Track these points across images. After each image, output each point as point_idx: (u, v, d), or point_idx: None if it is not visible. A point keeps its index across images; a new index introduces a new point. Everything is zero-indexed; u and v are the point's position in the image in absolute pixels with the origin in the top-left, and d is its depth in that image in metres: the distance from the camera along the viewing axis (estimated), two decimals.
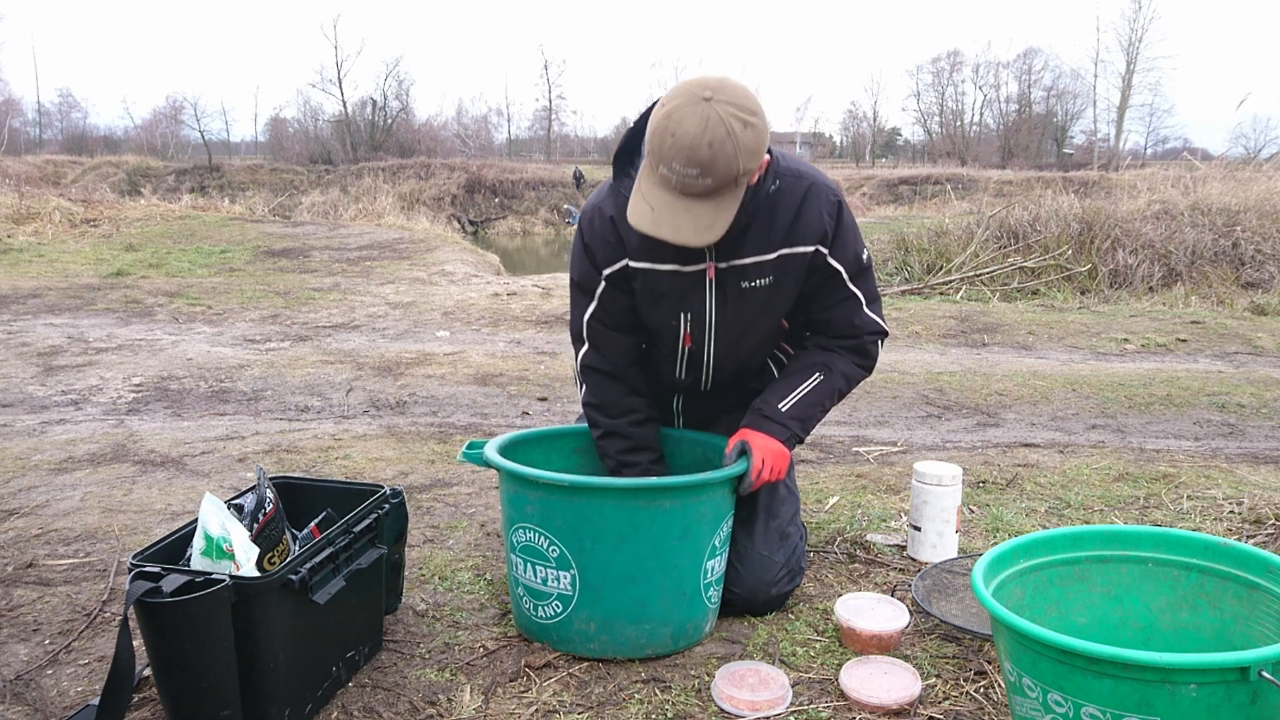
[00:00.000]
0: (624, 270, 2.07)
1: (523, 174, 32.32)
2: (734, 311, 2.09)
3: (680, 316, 2.11)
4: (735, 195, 1.84)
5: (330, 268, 9.60)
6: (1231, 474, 3.33)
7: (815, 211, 2.03)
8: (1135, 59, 45.94)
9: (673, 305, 2.09)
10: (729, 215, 1.84)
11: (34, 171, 27.41)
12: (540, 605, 1.99)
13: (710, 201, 1.82)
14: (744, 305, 2.08)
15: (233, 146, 55.52)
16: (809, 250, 2.05)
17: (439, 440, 3.78)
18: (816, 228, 2.03)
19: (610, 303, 2.13)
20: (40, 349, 5.56)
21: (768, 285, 2.06)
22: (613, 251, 2.07)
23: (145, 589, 1.55)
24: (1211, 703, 1.29)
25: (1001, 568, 1.64)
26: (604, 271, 2.09)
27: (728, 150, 1.76)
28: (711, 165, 1.76)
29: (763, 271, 2.04)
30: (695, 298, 2.08)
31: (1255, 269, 9.68)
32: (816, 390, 2.14)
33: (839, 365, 2.17)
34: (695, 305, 2.08)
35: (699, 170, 1.77)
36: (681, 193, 1.81)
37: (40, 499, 2.98)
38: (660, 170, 1.81)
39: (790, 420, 2.12)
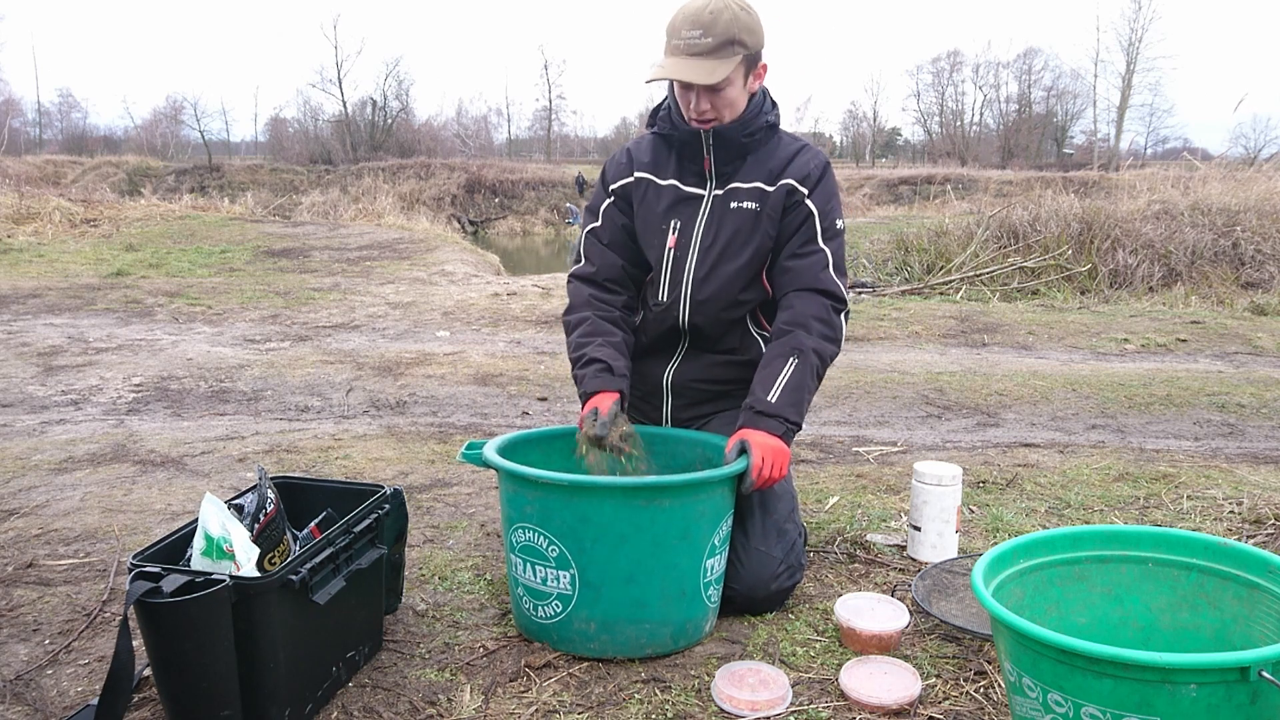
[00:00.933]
0: (629, 184, 2.34)
1: (523, 174, 32.31)
2: (718, 227, 2.26)
3: (670, 223, 2.30)
4: (733, 59, 2.11)
5: (330, 268, 9.60)
6: (1231, 474, 3.33)
7: (805, 159, 2.28)
8: (1135, 59, 45.97)
9: (665, 215, 2.31)
10: (727, 70, 2.10)
11: (34, 171, 27.41)
12: (540, 605, 1.99)
13: (712, 58, 2.10)
14: (727, 222, 2.26)
15: (233, 146, 55.54)
16: (789, 182, 2.25)
17: (439, 440, 3.78)
18: (800, 168, 2.26)
19: (609, 220, 2.37)
20: (40, 349, 5.56)
21: (753, 210, 2.24)
22: (622, 170, 2.37)
23: (145, 589, 1.54)
24: (1211, 703, 1.29)
25: (1001, 568, 1.64)
26: (610, 187, 2.37)
27: (725, 16, 2.07)
28: (712, 25, 2.07)
29: (751, 196, 2.25)
30: (687, 211, 2.30)
31: (1255, 269, 9.69)
32: (796, 373, 2.17)
33: (809, 343, 2.20)
34: (685, 217, 2.29)
35: (701, 30, 2.07)
36: (688, 54, 2.10)
37: (40, 499, 2.98)
38: (671, 43, 2.12)
39: (783, 409, 2.14)
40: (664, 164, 2.31)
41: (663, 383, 2.41)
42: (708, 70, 2.09)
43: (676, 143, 2.29)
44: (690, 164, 2.30)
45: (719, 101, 2.16)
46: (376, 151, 41.82)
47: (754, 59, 2.18)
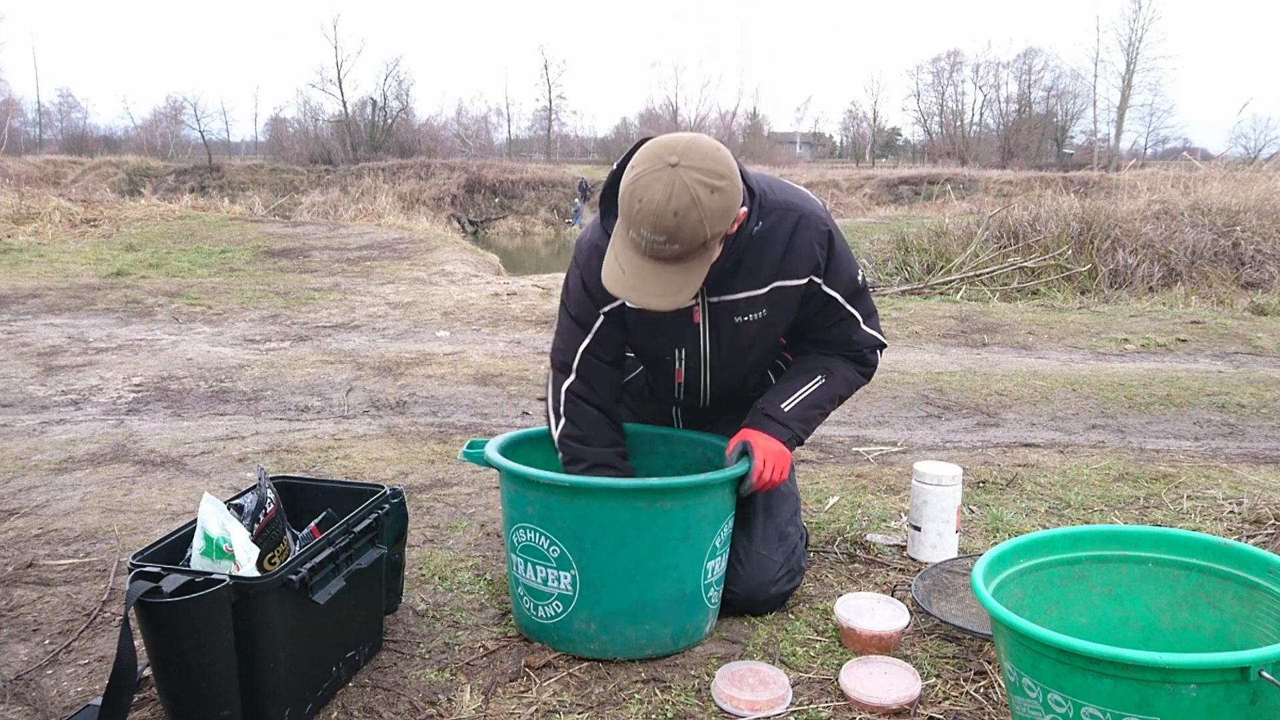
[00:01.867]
0: (621, 307, 2.10)
1: (523, 174, 32.30)
2: (728, 344, 2.14)
3: (675, 352, 2.17)
4: (705, 258, 1.85)
5: (330, 268, 9.60)
6: (1231, 474, 3.33)
7: (806, 244, 2.03)
8: (1135, 59, 45.94)
9: (668, 340, 2.14)
10: (698, 278, 1.85)
11: (34, 171, 27.40)
12: (540, 605, 1.99)
13: (679, 265, 1.82)
14: (738, 338, 2.12)
15: (233, 146, 55.50)
16: (802, 283, 2.07)
17: (439, 440, 3.78)
18: (808, 260, 2.04)
19: (606, 338, 2.14)
20: (40, 349, 5.56)
21: (761, 318, 2.09)
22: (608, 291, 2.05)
23: (145, 589, 1.55)
24: (1211, 703, 1.29)
25: (1001, 568, 1.64)
26: (603, 309, 2.11)
27: (693, 218, 1.75)
28: (678, 233, 1.76)
29: (755, 306, 2.07)
30: (688, 333, 2.12)
31: (1255, 269, 9.68)
32: (818, 393, 2.17)
33: (841, 370, 2.21)
34: (689, 340, 2.13)
35: (666, 237, 1.77)
36: (651, 257, 1.81)
37: (40, 499, 2.98)
38: (630, 234, 1.82)
39: (792, 420, 2.13)
40: None
41: (672, 416, 2.44)
42: (675, 286, 1.83)
43: None
44: None
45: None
46: (376, 151, 41.80)
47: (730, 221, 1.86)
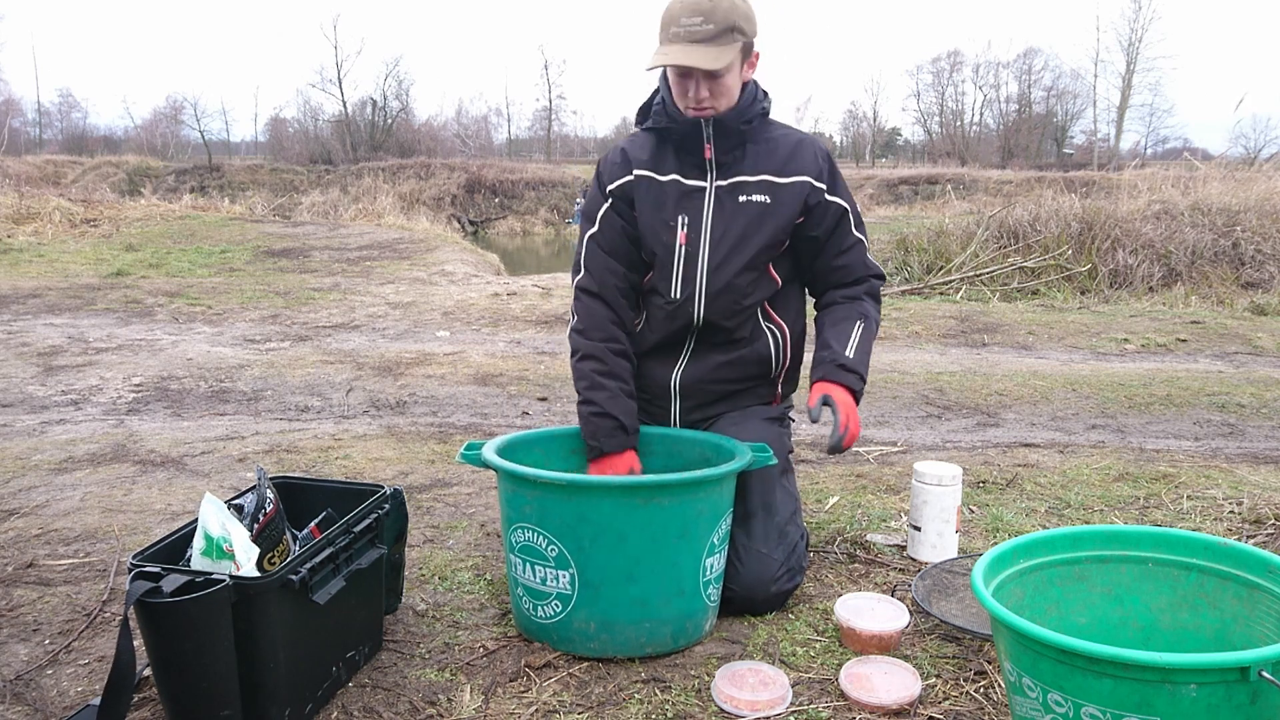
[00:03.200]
0: (628, 184, 2.29)
1: (523, 174, 32.30)
2: (729, 219, 2.24)
3: (678, 218, 2.26)
4: (734, 46, 2.11)
5: (330, 268, 9.60)
6: (1231, 474, 3.33)
7: (809, 152, 2.28)
8: (1135, 59, 45.95)
9: (671, 210, 2.27)
10: (729, 57, 2.10)
11: (34, 171, 27.40)
12: (539, 605, 1.99)
13: (714, 44, 2.09)
14: (738, 215, 2.24)
15: (233, 146, 55.52)
16: (804, 180, 2.24)
17: (439, 440, 3.78)
18: (811, 164, 2.26)
19: (608, 225, 2.32)
20: (40, 349, 5.56)
21: (763, 203, 2.24)
22: (618, 170, 2.31)
23: (145, 589, 1.54)
24: (1211, 703, 1.29)
25: (1001, 568, 1.64)
26: (608, 188, 2.31)
27: (725, 3, 2.08)
28: (712, 12, 2.07)
29: (759, 189, 2.24)
30: (693, 205, 2.26)
31: (1255, 269, 9.68)
32: (865, 336, 2.28)
33: (871, 312, 2.34)
34: (693, 211, 2.26)
35: (701, 17, 2.07)
36: (689, 40, 2.09)
37: (40, 499, 2.98)
38: (669, 31, 2.11)
39: (859, 366, 2.23)
40: (663, 159, 2.28)
41: (670, 385, 2.38)
42: (712, 56, 2.08)
43: (675, 135, 2.25)
44: (689, 156, 2.26)
45: (717, 89, 2.14)
46: (376, 151, 41.79)
47: (749, 47, 2.19)
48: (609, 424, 2.23)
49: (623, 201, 2.31)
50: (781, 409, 2.46)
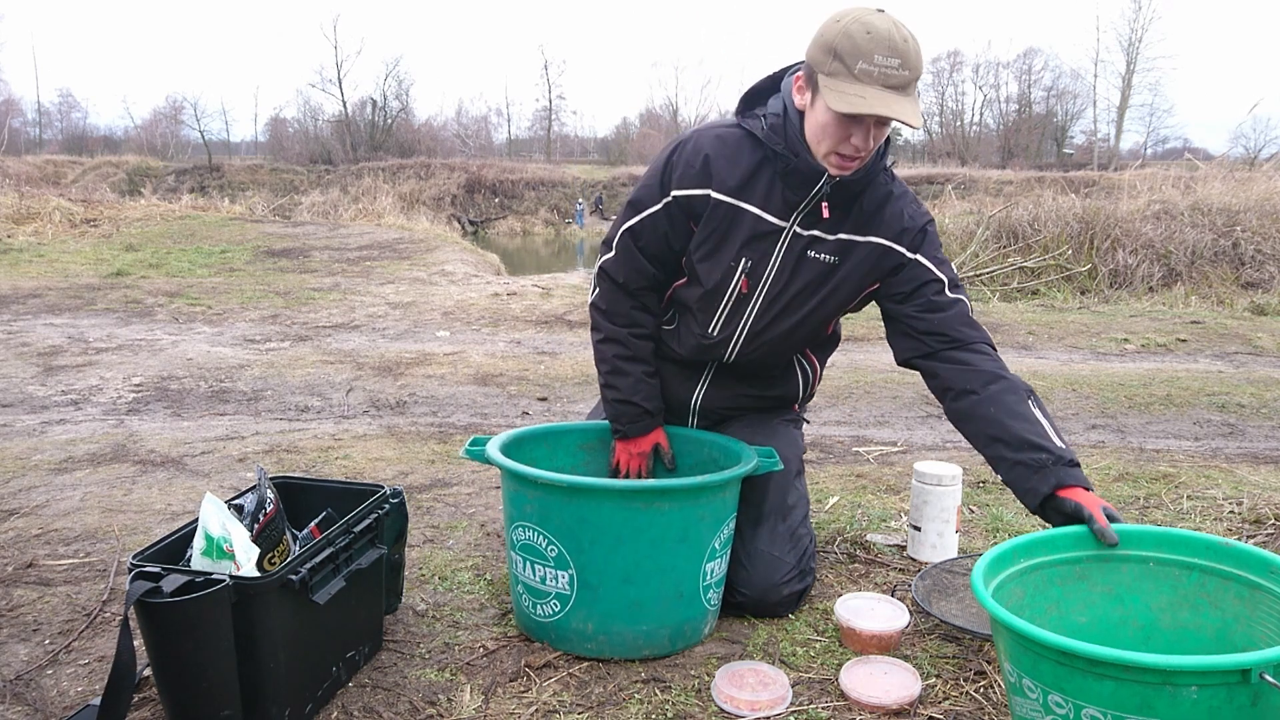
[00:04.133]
0: (699, 199, 2.04)
1: (523, 174, 32.34)
2: (791, 274, 2.08)
3: (742, 260, 2.07)
4: (918, 99, 1.88)
5: (330, 268, 9.60)
6: (1231, 474, 3.33)
7: (897, 210, 2.06)
8: (1135, 59, 45.97)
9: (736, 248, 2.06)
10: (919, 112, 1.87)
11: (34, 171, 27.42)
12: (539, 604, 1.99)
13: (908, 96, 1.84)
14: (802, 272, 2.07)
15: (233, 146, 55.51)
16: (876, 243, 2.06)
17: (439, 440, 3.78)
18: (894, 223, 2.06)
19: (653, 227, 2.10)
20: (40, 349, 5.56)
21: (831, 263, 2.07)
22: (693, 179, 2.04)
23: (145, 589, 1.54)
24: (1213, 705, 1.29)
25: (1001, 567, 1.64)
26: (673, 191, 2.06)
27: (916, 48, 1.83)
28: (908, 56, 1.81)
29: (831, 248, 2.05)
30: (762, 248, 2.06)
31: (1255, 269, 9.69)
32: (1044, 414, 2.01)
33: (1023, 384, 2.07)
34: (759, 255, 2.06)
35: (900, 61, 1.80)
36: (884, 85, 1.81)
37: (40, 499, 2.98)
38: (859, 67, 1.81)
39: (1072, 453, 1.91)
40: (751, 185, 2.01)
41: (690, 405, 2.35)
42: (912, 110, 1.83)
43: (783, 165, 1.98)
44: (787, 192, 2.01)
45: (877, 138, 1.92)
46: (376, 151, 41.81)
47: None
48: (632, 410, 2.21)
49: (682, 209, 2.08)
50: (798, 412, 2.46)
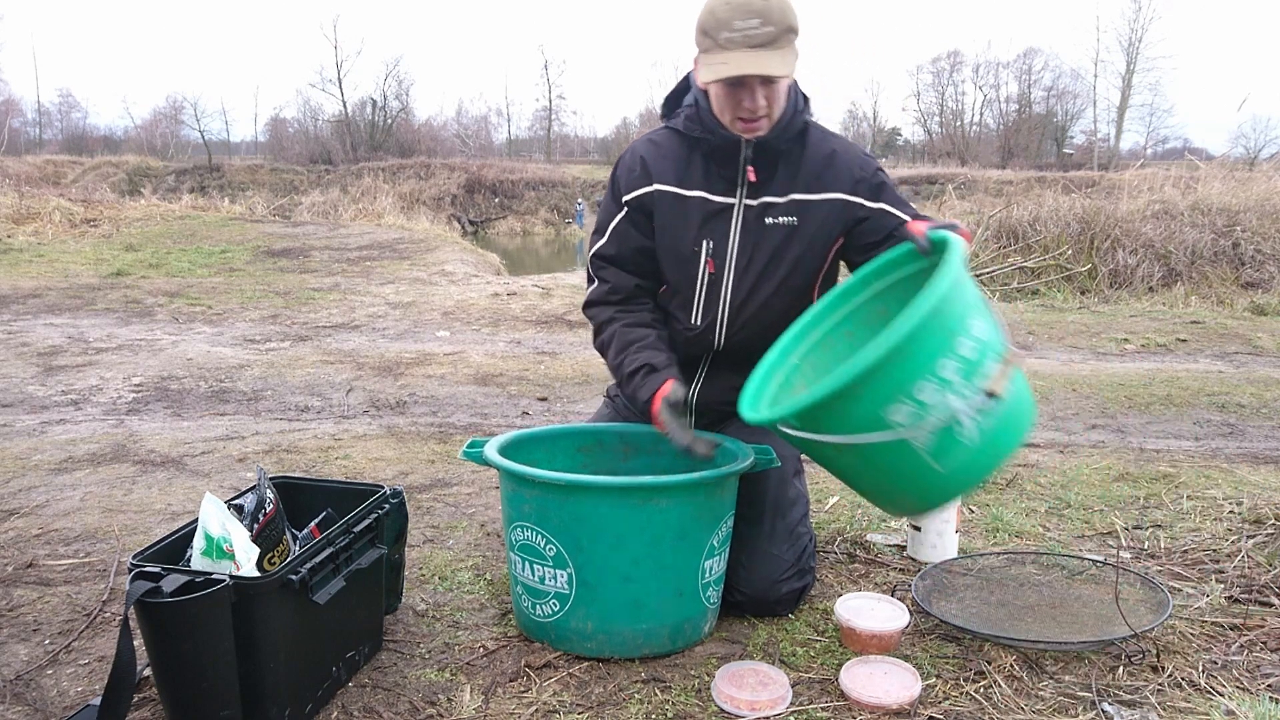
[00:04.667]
0: (647, 196, 2.12)
1: (523, 174, 32.31)
2: (754, 245, 2.10)
3: (703, 243, 2.11)
4: (792, 51, 1.94)
5: (330, 268, 9.60)
6: (1231, 474, 3.33)
7: (845, 163, 2.10)
8: (1135, 59, 45.95)
9: (695, 233, 2.11)
10: (792, 65, 1.94)
11: (34, 171, 27.41)
12: (538, 603, 1.99)
13: (775, 50, 1.91)
14: (765, 240, 2.10)
15: (233, 146, 55.48)
16: (835, 199, 2.09)
17: (439, 440, 3.78)
18: (845, 175, 2.09)
19: (620, 240, 2.17)
20: (40, 349, 5.56)
21: (790, 224, 2.09)
22: (637, 180, 2.13)
23: (145, 589, 1.55)
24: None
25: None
26: (624, 198, 2.14)
27: (778, 3, 1.90)
28: (769, 13, 1.88)
29: (786, 210, 2.09)
30: (719, 227, 2.10)
31: (1255, 269, 9.68)
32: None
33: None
34: (718, 234, 2.10)
35: (759, 19, 1.88)
36: (748, 46, 1.89)
37: (40, 499, 2.98)
38: (723, 36, 1.90)
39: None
40: (688, 171, 2.10)
41: (687, 403, 2.30)
42: (779, 61, 1.90)
43: (706, 147, 2.08)
44: (720, 170, 2.10)
45: (773, 96, 1.98)
46: (376, 151, 41.81)
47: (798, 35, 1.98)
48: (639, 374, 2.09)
49: (639, 213, 2.15)
50: None
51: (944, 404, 1.56)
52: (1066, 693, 1.83)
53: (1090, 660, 1.95)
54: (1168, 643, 2.01)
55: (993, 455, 1.65)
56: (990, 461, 1.66)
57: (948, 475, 1.64)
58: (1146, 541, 2.66)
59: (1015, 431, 1.66)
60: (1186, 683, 1.86)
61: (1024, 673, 1.90)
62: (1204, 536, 2.67)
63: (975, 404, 1.57)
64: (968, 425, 1.58)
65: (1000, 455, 1.66)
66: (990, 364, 1.59)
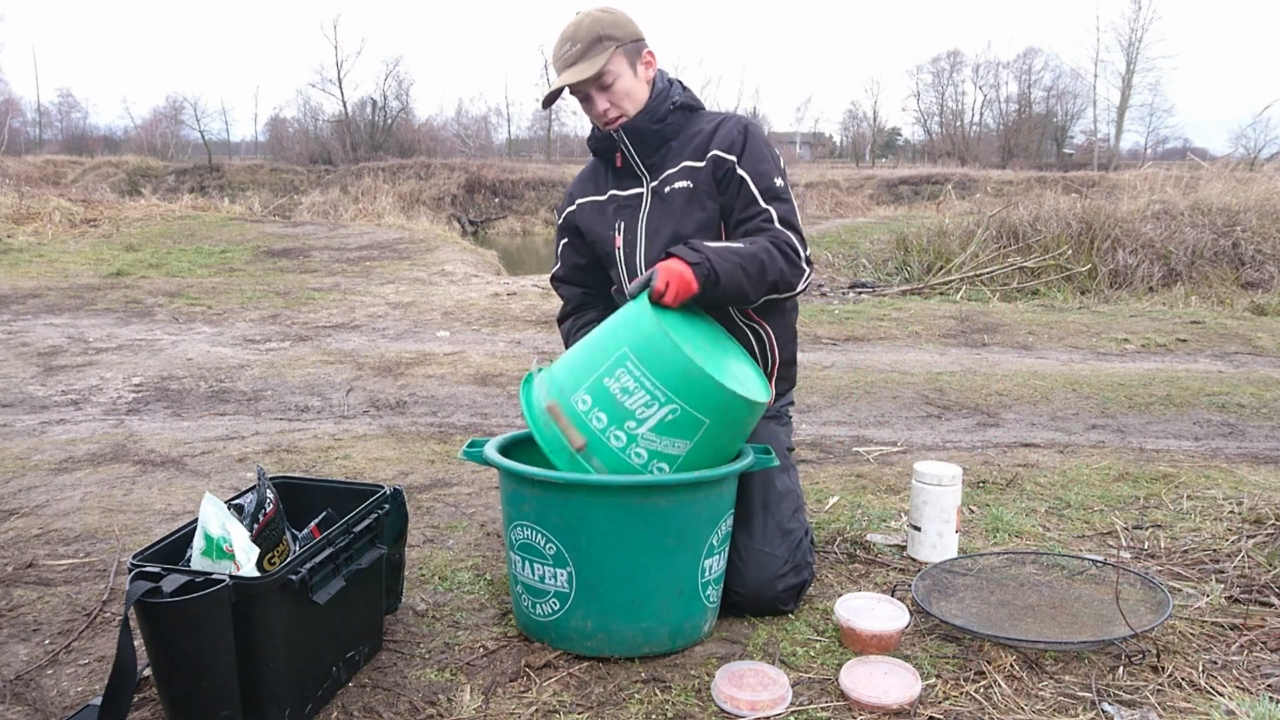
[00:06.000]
0: (571, 215, 2.48)
1: (523, 174, 32.26)
2: (659, 214, 2.31)
3: (616, 225, 2.37)
4: (605, 53, 2.23)
5: (330, 268, 9.60)
6: (1231, 474, 3.33)
7: (727, 130, 2.30)
8: (1135, 59, 45.89)
9: (610, 221, 2.39)
10: (601, 63, 2.22)
11: (34, 171, 27.38)
12: (538, 603, 1.99)
13: (583, 62, 2.23)
14: (668, 207, 2.29)
15: (233, 146, 55.45)
16: (713, 155, 2.27)
17: (439, 440, 3.78)
18: (725, 138, 2.28)
19: (565, 261, 2.54)
20: (40, 349, 5.56)
21: (687, 188, 2.28)
22: (565, 203, 2.52)
23: (145, 589, 1.55)
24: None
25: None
26: (559, 223, 2.53)
27: (586, 22, 2.24)
28: (575, 34, 2.23)
29: (682, 176, 2.29)
30: (629, 211, 2.36)
31: (1255, 269, 9.68)
32: (741, 250, 2.11)
33: (766, 243, 2.15)
34: (628, 216, 2.36)
35: (570, 43, 2.23)
36: (565, 65, 2.25)
37: (40, 499, 2.98)
38: (554, 64, 2.28)
39: (710, 253, 2.05)
40: (600, 180, 2.43)
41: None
42: (582, 69, 2.22)
43: (605, 153, 2.39)
44: (622, 169, 2.36)
45: (614, 96, 2.26)
46: (376, 151, 41.76)
47: (634, 50, 2.27)
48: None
49: (571, 232, 2.50)
50: (779, 407, 2.45)
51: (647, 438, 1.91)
52: (1066, 693, 1.83)
53: (1090, 660, 1.95)
54: (1168, 643, 2.01)
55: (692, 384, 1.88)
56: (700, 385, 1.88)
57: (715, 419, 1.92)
58: (1146, 541, 2.66)
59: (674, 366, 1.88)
60: (1186, 683, 1.86)
61: (1024, 673, 1.90)
62: (1204, 536, 2.67)
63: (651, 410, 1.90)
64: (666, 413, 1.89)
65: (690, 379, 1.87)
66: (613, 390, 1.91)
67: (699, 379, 1.86)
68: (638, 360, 1.89)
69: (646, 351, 1.89)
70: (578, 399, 1.93)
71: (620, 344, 1.93)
